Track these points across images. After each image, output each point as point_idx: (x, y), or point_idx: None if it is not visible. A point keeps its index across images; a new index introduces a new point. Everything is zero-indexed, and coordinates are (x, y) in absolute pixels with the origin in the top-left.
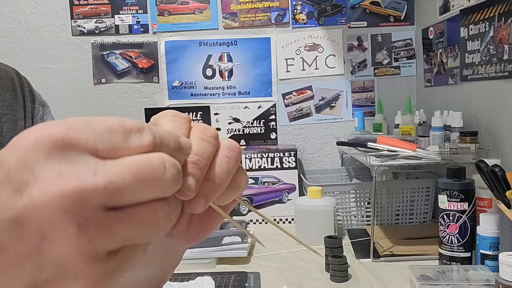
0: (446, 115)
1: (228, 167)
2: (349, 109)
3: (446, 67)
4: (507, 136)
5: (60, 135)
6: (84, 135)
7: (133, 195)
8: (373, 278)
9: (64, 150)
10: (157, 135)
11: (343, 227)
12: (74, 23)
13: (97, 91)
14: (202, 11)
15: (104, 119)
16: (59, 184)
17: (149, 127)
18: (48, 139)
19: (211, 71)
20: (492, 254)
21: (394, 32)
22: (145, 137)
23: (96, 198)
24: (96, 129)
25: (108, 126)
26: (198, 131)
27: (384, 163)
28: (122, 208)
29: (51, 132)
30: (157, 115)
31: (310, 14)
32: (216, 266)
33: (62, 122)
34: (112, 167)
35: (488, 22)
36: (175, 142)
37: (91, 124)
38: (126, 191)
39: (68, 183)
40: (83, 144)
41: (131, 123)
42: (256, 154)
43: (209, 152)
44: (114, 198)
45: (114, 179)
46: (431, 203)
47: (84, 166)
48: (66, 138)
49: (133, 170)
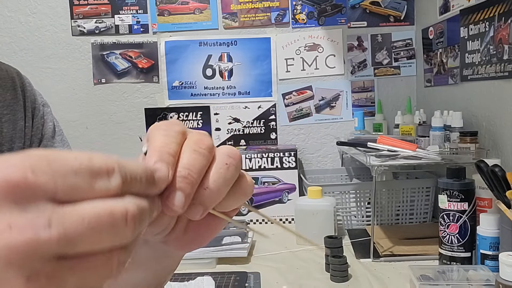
0: (446, 115)
1: (227, 174)
2: (349, 109)
3: (446, 67)
4: (507, 136)
5: (16, 180)
6: (43, 178)
7: (87, 245)
8: (373, 278)
9: (19, 197)
10: (128, 175)
11: (343, 227)
12: (74, 23)
13: (97, 91)
14: (202, 11)
15: (71, 156)
16: (8, 237)
17: (121, 166)
18: (2, 185)
19: (211, 71)
20: (492, 254)
21: (394, 32)
22: (113, 181)
23: (48, 250)
24: (58, 171)
25: (74, 167)
26: (192, 142)
27: (384, 163)
28: (75, 257)
29: (7, 177)
30: (152, 127)
31: (310, 14)
32: (216, 266)
33: (21, 161)
34: (68, 216)
35: (488, 22)
36: (149, 177)
37: (54, 163)
38: (80, 243)
39: (17, 236)
40: (41, 189)
41: (101, 164)
42: (256, 154)
43: (201, 164)
44: (67, 249)
45: (69, 231)
46: (431, 203)
47: (38, 215)
48: (22, 183)
49: (91, 223)
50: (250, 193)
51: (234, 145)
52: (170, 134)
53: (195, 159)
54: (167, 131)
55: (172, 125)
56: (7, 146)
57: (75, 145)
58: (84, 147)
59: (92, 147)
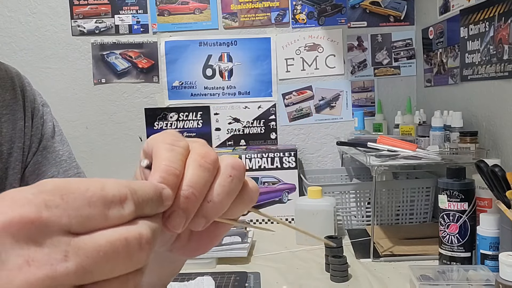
0: (446, 115)
1: (230, 187)
2: (349, 109)
3: (446, 67)
4: (507, 136)
5: (31, 217)
6: (57, 213)
7: (103, 274)
8: (373, 278)
9: (34, 233)
10: (140, 199)
11: (343, 227)
12: (74, 23)
13: (97, 91)
14: (202, 11)
15: (84, 187)
16: (27, 272)
17: (133, 191)
18: (17, 223)
19: (211, 71)
20: (492, 254)
21: (394, 32)
22: (127, 208)
23: (66, 282)
24: (72, 204)
25: (87, 198)
26: (198, 156)
27: (384, 163)
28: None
29: (21, 215)
30: (155, 138)
31: (310, 14)
32: (216, 266)
33: (35, 197)
34: (84, 248)
35: (488, 22)
36: (158, 197)
37: (68, 196)
38: (96, 272)
39: (36, 271)
40: (56, 223)
41: (114, 193)
42: (256, 154)
43: (205, 179)
44: (84, 279)
45: (86, 262)
46: (431, 203)
47: (55, 249)
48: (37, 220)
49: (107, 252)
50: (254, 200)
51: (234, 145)
52: (176, 150)
53: (199, 175)
54: (173, 146)
55: (177, 139)
56: (6, 146)
57: (75, 145)
58: (84, 147)
59: (92, 147)
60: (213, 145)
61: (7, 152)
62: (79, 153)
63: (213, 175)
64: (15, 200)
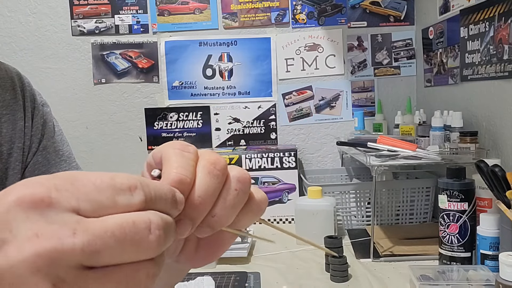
0: (446, 115)
1: (235, 201)
2: (349, 109)
3: (446, 67)
4: (507, 136)
5: (40, 195)
6: (67, 195)
7: (112, 256)
8: (373, 278)
9: (44, 209)
10: (152, 192)
11: (343, 227)
12: (74, 23)
13: (97, 91)
14: (202, 11)
15: (93, 177)
16: (35, 244)
17: (144, 184)
18: (28, 199)
19: (211, 71)
20: (492, 254)
21: (394, 32)
22: (136, 197)
23: (73, 258)
24: (81, 189)
25: (96, 186)
26: (207, 163)
27: (384, 163)
28: (101, 268)
29: (32, 192)
30: (163, 146)
31: (310, 14)
32: (216, 266)
33: (47, 180)
34: (92, 227)
35: (488, 22)
36: (173, 197)
37: (77, 183)
38: (104, 253)
39: (44, 243)
40: (65, 204)
41: (123, 182)
42: (256, 154)
43: (215, 187)
44: (92, 259)
45: (93, 240)
46: (431, 203)
47: (64, 225)
48: (46, 199)
49: (114, 233)
50: (262, 211)
51: (234, 145)
52: (187, 156)
53: (209, 184)
54: (183, 152)
55: (186, 145)
56: (6, 146)
57: (75, 145)
58: (84, 147)
59: (92, 147)
60: (213, 145)
61: (7, 153)
62: (79, 153)
63: (222, 182)
64: (28, 182)
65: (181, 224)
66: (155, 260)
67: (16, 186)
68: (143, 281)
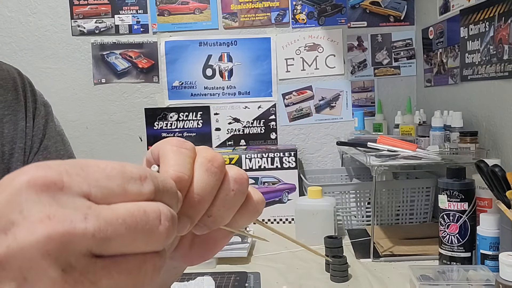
0: (446, 115)
1: (232, 202)
2: (349, 109)
3: (446, 67)
4: (507, 136)
5: (53, 178)
6: (78, 180)
7: (122, 245)
8: (373, 278)
9: (56, 193)
10: (161, 184)
11: (343, 227)
12: (74, 23)
13: (97, 91)
14: (202, 11)
15: (103, 164)
16: (47, 226)
17: (153, 175)
18: (40, 181)
19: (211, 71)
20: (492, 254)
21: (394, 32)
22: (146, 187)
23: (83, 243)
24: (91, 175)
25: (107, 173)
26: (204, 160)
27: (384, 163)
28: (110, 257)
29: (45, 175)
30: (161, 143)
31: (310, 14)
32: (216, 266)
33: (57, 165)
34: (104, 214)
35: (488, 22)
36: (177, 193)
37: (87, 169)
38: (115, 240)
39: (56, 226)
40: (77, 188)
41: (133, 171)
42: (256, 154)
43: (213, 185)
44: (102, 246)
45: (104, 227)
46: (431, 203)
47: (75, 209)
48: (58, 182)
49: (125, 220)
50: (259, 212)
51: (234, 145)
52: (184, 153)
53: (206, 182)
54: (180, 148)
55: (183, 142)
56: (8, 146)
57: (75, 145)
58: (84, 147)
59: (92, 147)
60: (213, 145)
61: (9, 153)
62: (79, 153)
63: (220, 179)
64: (39, 165)
65: (180, 221)
66: (161, 253)
67: (28, 168)
68: (149, 272)
